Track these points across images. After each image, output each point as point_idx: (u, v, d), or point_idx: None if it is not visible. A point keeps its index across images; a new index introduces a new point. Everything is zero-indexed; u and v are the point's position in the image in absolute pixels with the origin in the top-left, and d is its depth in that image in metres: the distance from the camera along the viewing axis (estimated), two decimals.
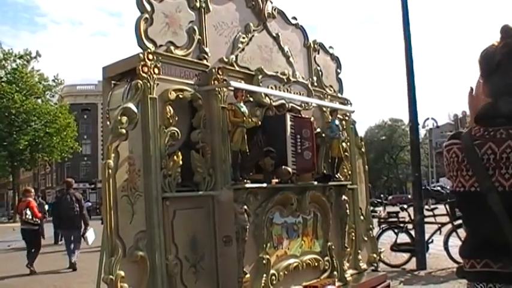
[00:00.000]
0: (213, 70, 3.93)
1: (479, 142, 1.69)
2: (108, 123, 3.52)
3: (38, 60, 35.02)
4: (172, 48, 3.74)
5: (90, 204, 25.38)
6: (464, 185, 1.71)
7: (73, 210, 10.57)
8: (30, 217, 10.10)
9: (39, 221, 10.65)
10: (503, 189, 1.61)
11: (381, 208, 16.82)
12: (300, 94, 4.78)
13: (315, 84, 5.31)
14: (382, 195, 50.67)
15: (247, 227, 3.75)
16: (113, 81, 3.83)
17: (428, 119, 37.31)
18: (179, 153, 3.57)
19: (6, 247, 16.10)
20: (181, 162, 3.56)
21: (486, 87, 1.79)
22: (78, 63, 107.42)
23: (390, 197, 51.18)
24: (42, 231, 11.54)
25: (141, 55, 3.44)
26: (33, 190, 11.73)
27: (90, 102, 53.72)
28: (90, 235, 9.95)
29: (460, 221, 8.62)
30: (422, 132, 34.38)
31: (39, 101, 35.21)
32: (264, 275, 3.96)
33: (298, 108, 4.76)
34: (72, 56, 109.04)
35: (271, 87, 4.44)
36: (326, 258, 4.74)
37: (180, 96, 3.65)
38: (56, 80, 36.52)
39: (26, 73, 34.24)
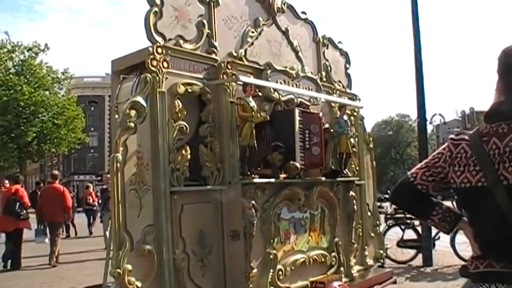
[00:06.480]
0: (222, 64, 3.92)
1: (486, 139, 1.73)
2: (116, 116, 3.52)
3: (46, 53, 34.97)
4: (181, 42, 3.73)
5: None
6: (470, 180, 1.74)
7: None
8: (91, 201, 16.83)
9: (96, 204, 16.81)
10: (507, 183, 1.64)
11: (388, 204, 16.68)
12: (309, 89, 4.76)
13: (324, 79, 5.28)
14: (388, 191, 50.44)
15: (255, 221, 3.75)
16: (121, 75, 3.84)
17: (435, 115, 37.07)
18: (187, 148, 3.57)
19: None
20: (189, 157, 3.56)
21: (500, 85, 1.80)
22: (81, 53, 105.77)
23: None
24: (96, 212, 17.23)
25: (150, 49, 3.43)
26: (90, 185, 18.87)
27: (97, 95, 53.64)
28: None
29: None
30: (429, 128, 34.24)
31: (47, 92, 35.19)
32: (271, 270, 3.96)
33: (307, 103, 4.74)
34: (75, 46, 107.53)
35: (280, 82, 4.42)
36: (333, 253, 4.73)
37: (189, 90, 3.64)
38: (65, 73, 36.50)
39: (34, 65, 34.25)
